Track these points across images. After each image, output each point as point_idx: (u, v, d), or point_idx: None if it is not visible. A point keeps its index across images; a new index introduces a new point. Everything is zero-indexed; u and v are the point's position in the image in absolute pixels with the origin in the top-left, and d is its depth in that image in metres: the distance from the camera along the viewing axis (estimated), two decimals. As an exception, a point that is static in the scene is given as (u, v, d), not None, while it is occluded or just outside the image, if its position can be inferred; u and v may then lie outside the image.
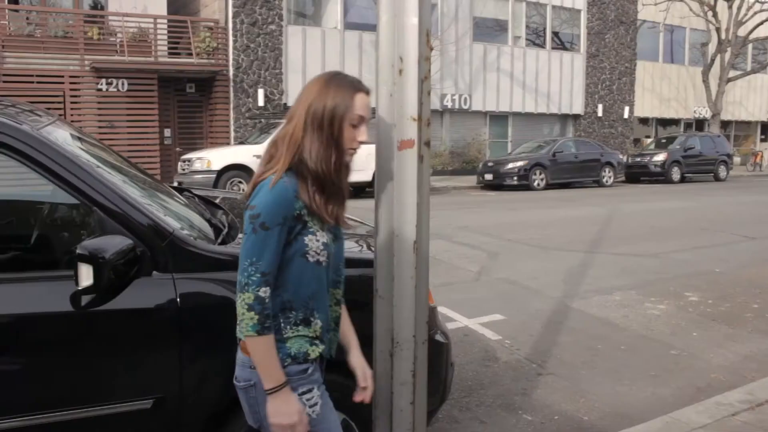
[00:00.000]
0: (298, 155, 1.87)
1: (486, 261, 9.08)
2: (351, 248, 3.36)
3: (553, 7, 27.61)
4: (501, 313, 6.49)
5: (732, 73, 30.80)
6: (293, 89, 21.50)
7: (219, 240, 2.79)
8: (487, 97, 25.90)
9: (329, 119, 1.87)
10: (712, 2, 28.78)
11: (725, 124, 33.91)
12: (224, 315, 2.56)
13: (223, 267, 2.58)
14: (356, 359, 2.14)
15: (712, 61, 29.79)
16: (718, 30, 29.17)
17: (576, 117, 28.64)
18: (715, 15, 28.77)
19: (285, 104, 21.19)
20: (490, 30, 26.19)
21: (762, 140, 37.74)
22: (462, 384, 4.68)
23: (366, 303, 2.41)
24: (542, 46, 27.63)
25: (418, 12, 1.97)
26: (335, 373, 2.80)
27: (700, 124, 33.32)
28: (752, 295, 7.43)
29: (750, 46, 33.17)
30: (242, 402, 2.02)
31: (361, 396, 2.12)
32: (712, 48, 30.21)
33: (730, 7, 29.29)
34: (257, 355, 1.86)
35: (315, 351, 1.97)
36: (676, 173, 24.23)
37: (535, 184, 20.53)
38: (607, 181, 22.50)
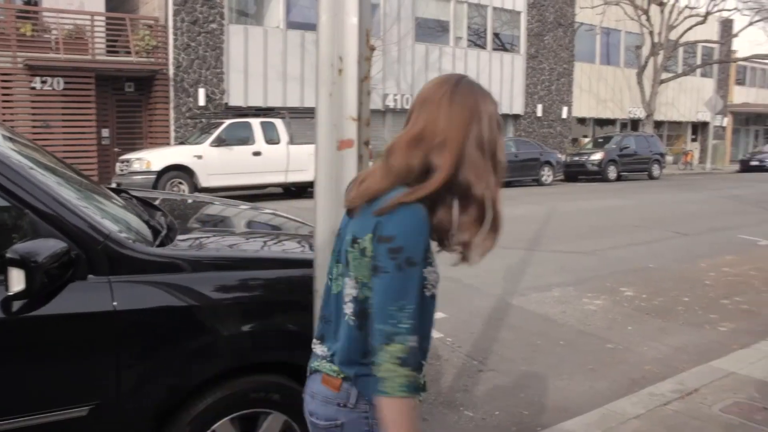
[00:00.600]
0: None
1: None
2: (294, 249, 3.36)
3: (494, 8, 27.98)
4: (443, 311, 6.54)
5: (664, 75, 31.79)
6: (235, 89, 21.24)
7: (157, 242, 2.74)
8: (428, 98, 26.07)
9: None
10: (645, 6, 29.64)
11: (658, 124, 34.96)
12: (163, 318, 2.52)
13: (161, 269, 2.54)
14: None
15: (646, 63, 30.69)
16: (651, 33, 30.08)
17: (516, 117, 29.10)
18: (648, 19, 29.64)
19: (226, 104, 20.91)
20: (432, 30, 26.38)
21: (692, 140, 39.06)
22: (405, 382, 4.71)
23: (309, 304, 2.41)
24: (483, 47, 27.98)
25: (358, 12, 1.97)
26: (277, 374, 2.80)
27: (635, 124, 34.26)
28: (683, 290, 7.70)
29: (681, 49, 34.28)
30: None
31: None
32: (645, 51, 31.11)
33: (662, 12, 30.23)
34: (402, 419, 1.52)
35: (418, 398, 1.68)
36: (612, 172, 24.86)
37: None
38: (546, 180, 22.92)
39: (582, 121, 32.64)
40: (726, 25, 38.73)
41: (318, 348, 1.77)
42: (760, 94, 46.62)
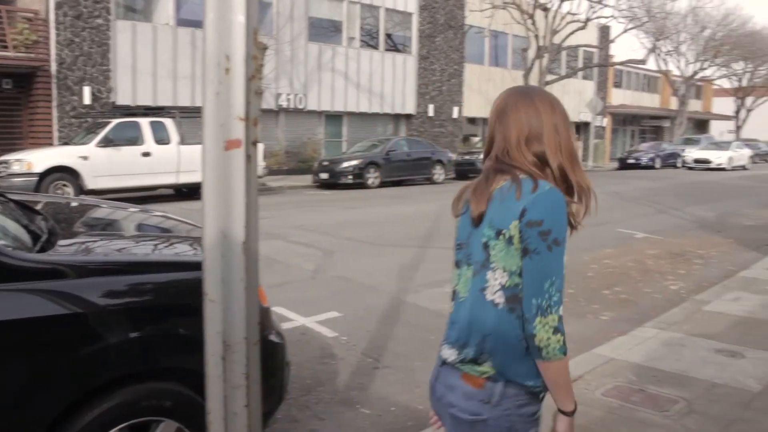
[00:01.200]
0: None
1: (322, 259, 9.16)
2: (185, 252, 3.28)
3: (387, 9, 28.27)
4: (337, 310, 6.57)
5: (549, 77, 33.09)
6: (123, 87, 20.43)
7: (37, 248, 2.62)
8: (322, 97, 26.05)
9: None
10: (531, 11, 30.76)
11: (544, 124, 36.20)
12: (44, 328, 2.41)
13: (41, 276, 2.43)
14: None
15: (532, 65, 31.85)
16: (536, 37, 31.24)
17: (408, 117, 29.52)
18: (533, 23, 30.78)
19: (114, 103, 20.07)
20: (325, 30, 26.35)
21: (576, 139, 40.76)
22: (300, 383, 4.70)
23: (199, 307, 2.37)
24: (376, 47, 28.22)
25: (245, 10, 1.95)
26: (168, 381, 2.74)
27: (521, 124, 35.42)
28: (568, 281, 7.94)
29: (564, 52, 35.82)
30: (453, 428, 1.91)
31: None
32: (531, 53, 32.28)
33: (546, 17, 31.46)
34: (562, 377, 1.79)
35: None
36: (501, 170, 25.61)
37: (370, 182, 20.93)
38: (438, 179, 23.37)
39: (472, 120, 33.51)
40: (604, 32, 40.80)
41: (446, 348, 1.95)
42: (635, 96, 49.45)
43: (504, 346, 1.81)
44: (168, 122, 16.46)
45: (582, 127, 40.63)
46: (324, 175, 20.84)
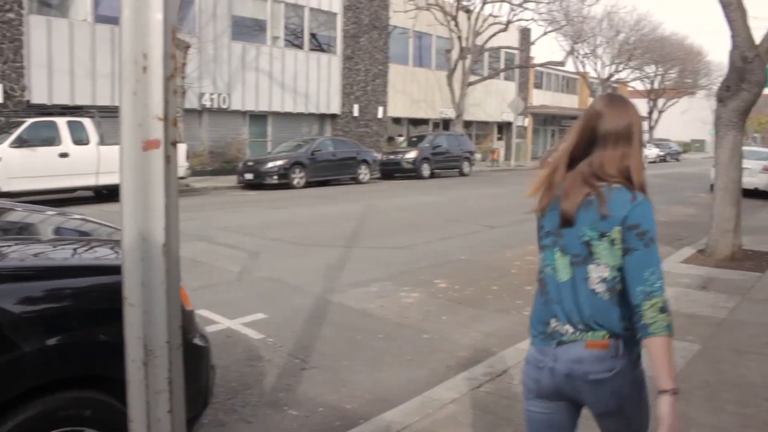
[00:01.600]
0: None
1: (247, 261, 9.05)
2: (106, 255, 3.18)
3: (311, 9, 28.15)
4: (263, 311, 6.51)
5: (472, 78, 33.67)
6: (38, 85, 19.62)
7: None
8: (246, 97, 25.72)
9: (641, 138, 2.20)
10: (454, 13, 31.20)
11: (468, 124, 36.96)
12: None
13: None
14: None
15: (455, 66, 32.31)
16: (459, 38, 31.73)
17: (333, 117, 29.48)
18: (456, 25, 31.24)
19: (28, 101, 19.24)
20: (249, 29, 26.02)
21: (498, 139, 41.73)
22: (226, 386, 4.64)
23: (121, 311, 2.30)
24: (300, 47, 28.06)
25: (162, 7, 1.91)
26: (89, 389, 2.65)
27: (446, 123, 35.96)
28: (492, 279, 8.22)
29: (486, 54, 36.50)
30: (594, 395, 2.13)
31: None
32: (455, 54, 32.75)
33: (469, 19, 31.99)
34: (667, 354, 2.00)
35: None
36: (426, 169, 25.92)
37: (295, 182, 20.80)
38: (363, 178, 23.43)
39: (397, 120, 33.74)
40: (525, 34, 41.78)
41: (557, 326, 2.17)
42: (555, 97, 50.86)
43: (609, 323, 2.11)
44: (87, 122, 15.90)
45: (504, 127, 41.49)
46: (249, 176, 20.59)
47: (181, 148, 19.11)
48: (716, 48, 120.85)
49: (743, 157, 10.07)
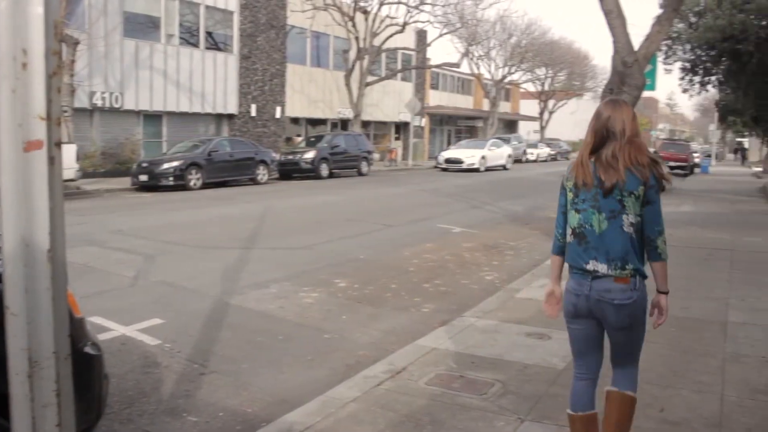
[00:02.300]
0: None
1: (142, 265, 8.77)
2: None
3: (207, 7, 27.53)
4: (160, 316, 6.33)
5: (369, 78, 33.90)
6: None
7: None
8: (140, 96, 24.86)
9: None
10: (351, 14, 31.32)
11: (366, 124, 37.20)
12: None
13: None
14: None
15: (353, 66, 32.45)
16: (357, 39, 31.88)
17: (230, 116, 28.98)
18: (354, 25, 31.38)
19: None
20: (142, 26, 25.15)
21: (396, 139, 42.21)
22: (122, 395, 4.49)
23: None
24: (196, 45, 27.40)
25: (43, 1, 1.83)
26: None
27: (344, 123, 36.06)
28: (391, 277, 8.32)
29: (383, 55, 36.85)
30: (615, 315, 3.05)
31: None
32: (352, 55, 32.89)
33: (366, 19, 32.19)
34: (665, 271, 3.10)
35: None
36: (324, 169, 25.89)
37: (192, 183, 20.32)
38: (261, 179, 23.16)
39: (295, 120, 33.55)
40: (421, 36, 42.45)
41: (596, 266, 3.05)
42: (451, 97, 51.96)
43: (634, 255, 3.02)
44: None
45: (402, 127, 42.00)
46: (143, 177, 19.94)
47: (71, 149, 18.28)
48: (601, 53, 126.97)
49: None
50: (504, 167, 34.97)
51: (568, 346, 5.36)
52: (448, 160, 32.61)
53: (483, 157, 32.38)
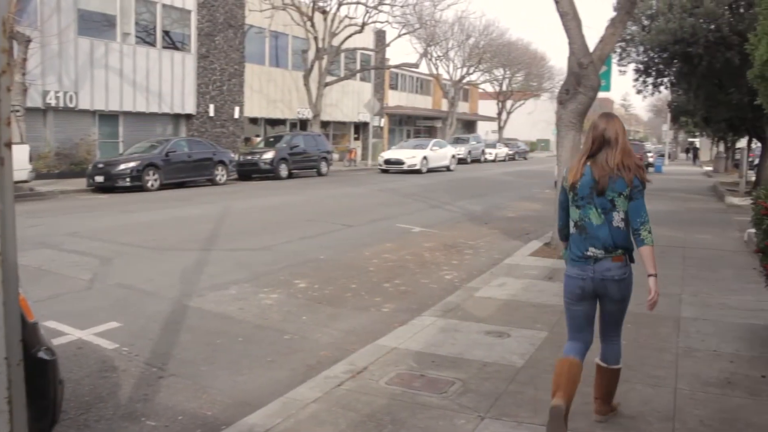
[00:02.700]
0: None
1: (99, 267, 8.62)
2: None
3: (164, 5, 27.15)
4: (117, 320, 6.24)
5: (329, 78, 33.82)
6: None
7: None
8: (95, 96, 24.41)
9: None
10: (310, 13, 31.21)
11: (325, 124, 37.10)
12: None
13: None
14: None
15: (312, 66, 32.35)
16: (315, 39, 31.76)
17: (188, 117, 28.65)
18: (313, 25, 31.27)
19: None
20: (97, 24, 24.67)
21: (355, 139, 42.22)
22: (78, 400, 4.41)
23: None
24: (153, 44, 27.00)
25: (-8, -1, 1.80)
26: None
27: (303, 124, 35.92)
28: (351, 277, 8.32)
29: (342, 55, 36.80)
30: (616, 288, 3.72)
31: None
32: (311, 55, 32.77)
33: (325, 20, 32.11)
34: (652, 255, 3.67)
35: None
36: (284, 170, 25.75)
37: (149, 184, 20.04)
38: (220, 180, 22.95)
39: (254, 120, 33.32)
40: (380, 36, 42.53)
41: (595, 251, 3.68)
42: (410, 98, 52.18)
43: (623, 241, 3.69)
44: None
45: (361, 127, 42.03)
46: (99, 178, 19.59)
47: (23, 150, 17.84)
48: (557, 54, 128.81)
49: None
50: (447, 168, 33.92)
51: (527, 344, 5.46)
52: (388, 161, 31.47)
53: (425, 158, 31.39)
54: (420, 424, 3.91)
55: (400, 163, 30.85)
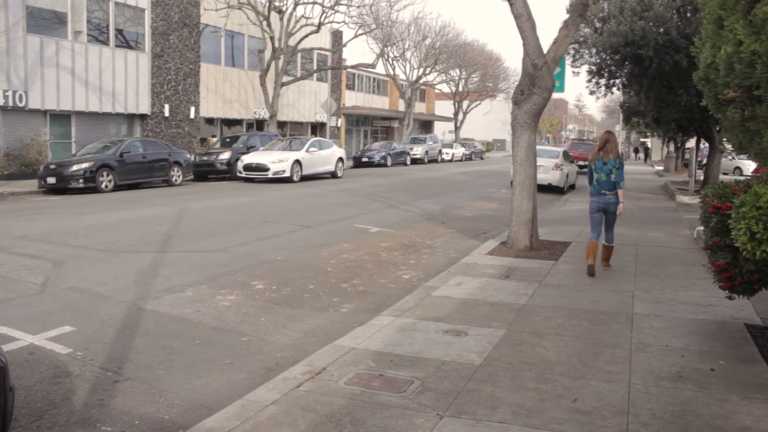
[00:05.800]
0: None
1: (51, 271, 8.44)
2: None
3: (116, 3, 26.64)
4: (70, 324, 6.13)
5: (285, 79, 33.64)
6: None
7: None
8: (46, 95, 23.83)
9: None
10: (266, 13, 30.99)
11: (282, 124, 36.89)
12: None
13: None
14: None
15: (268, 66, 32.12)
16: (272, 39, 31.56)
17: (143, 117, 28.20)
18: (269, 25, 31.05)
19: None
20: (47, 22, 24.07)
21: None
22: (30, 407, 4.33)
23: None
24: (106, 43, 26.48)
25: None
26: None
27: (260, 124, 35.64)
28: (308, 278, 8.31)
29: (299, 55, 36.64)
30: (612, 208, 8.65)
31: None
32: (268, 55, 32.53)
33: (281, 19, 31.92)
34: (624, 192, 8.73)
35: None
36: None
37: (103, 185, 19.67)
38: (176, 181, 22.64)
39: (210, 121, 32.96)
40: (337, 36, 42.47)
41: (605, 191, 8.61)
42: (367, 98, 52.19)
43: (614, 188, 8.61)
44: None
45: (318, 127, 41.91)
46: (51, 180, 19.16)
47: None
48: (512, 55, 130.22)
49: (537, 155, 10.97)
50: (333, 175, 27.18)
51: (485, 342, 5.53)
52: (247, 167, 24.18)
53: (297, 162, 24.57)
54: (379, 423, 3.93)
55: (263, 169, 23.97)
